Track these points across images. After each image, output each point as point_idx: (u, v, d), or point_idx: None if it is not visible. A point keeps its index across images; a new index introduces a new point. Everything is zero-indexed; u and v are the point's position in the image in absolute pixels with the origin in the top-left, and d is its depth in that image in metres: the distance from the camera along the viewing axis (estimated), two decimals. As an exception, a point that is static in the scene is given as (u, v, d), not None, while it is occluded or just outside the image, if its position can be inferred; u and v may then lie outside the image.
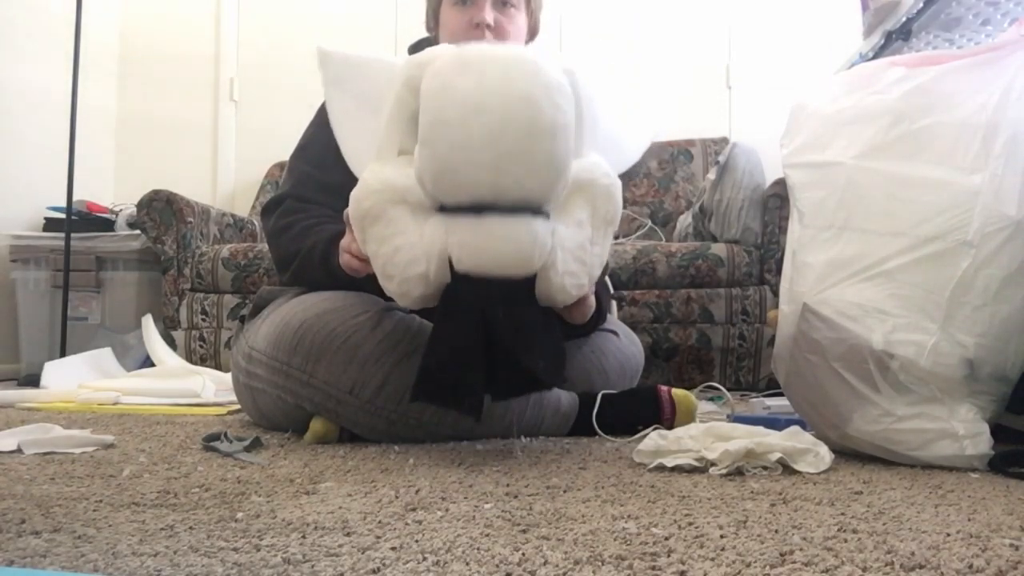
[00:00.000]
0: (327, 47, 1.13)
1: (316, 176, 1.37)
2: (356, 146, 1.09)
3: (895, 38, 1.75)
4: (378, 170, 1.01)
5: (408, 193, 0.97)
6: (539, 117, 0.91)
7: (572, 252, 0.98)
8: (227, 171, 3.51)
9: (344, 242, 1.17)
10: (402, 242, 0.98)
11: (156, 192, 2.67)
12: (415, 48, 1.47)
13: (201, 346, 2.62)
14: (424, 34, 1.54)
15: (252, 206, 3.25)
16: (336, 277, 1.22)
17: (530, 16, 1.47)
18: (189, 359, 2.52)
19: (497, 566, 0.59)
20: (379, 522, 0.72)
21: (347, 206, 1.06)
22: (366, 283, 1.14)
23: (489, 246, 0.93)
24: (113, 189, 3.45)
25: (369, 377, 1.15)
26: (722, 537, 0.67)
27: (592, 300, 1.20)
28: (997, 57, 1.10)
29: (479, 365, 0.98)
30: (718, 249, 2.41)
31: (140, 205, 2.68)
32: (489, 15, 1.38)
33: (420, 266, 0.96)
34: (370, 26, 3.36)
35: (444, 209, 0.96)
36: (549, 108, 0.92)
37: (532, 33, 1.49)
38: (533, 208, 0.95)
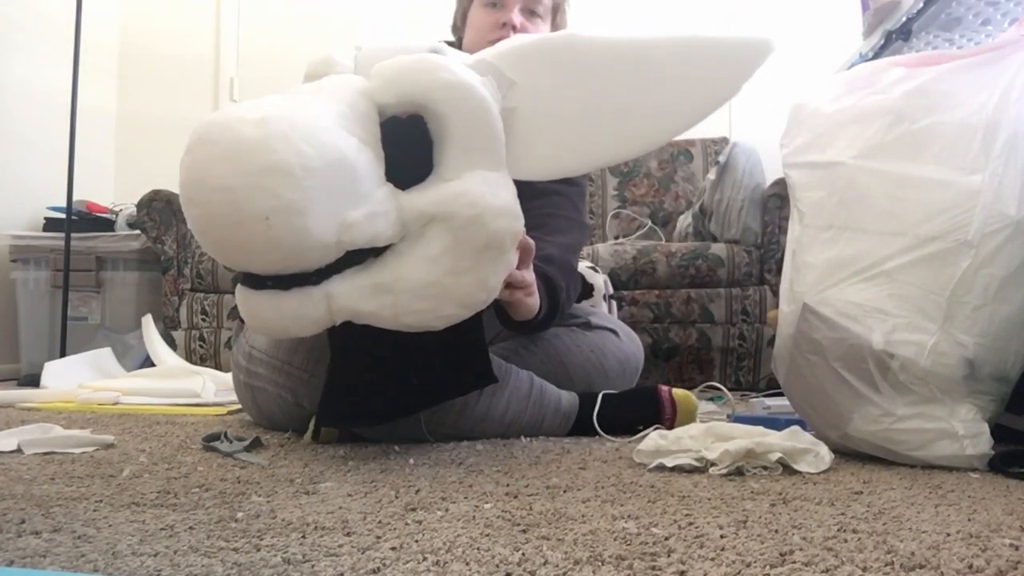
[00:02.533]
0: (367, 45, 1.11)
1: None
2: None
3: (895, 38, 1.75)
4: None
5: None
6: (240, 208, 0.84)
7: (415, 292, 0.93)
8: (227, 171, 3.50)
9: None
10: None
11: (156, 192, 2.67)
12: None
13: (201, 346, 2.62)
14: (449, 36, 1.56)
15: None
16: None
17: (554, 30, 1.49)
18: (189, 359, 2.52)
19: (497, 566, 0.59)
20: (379, 522, 0.72)
21: None
22: None
23: (259, 318, 0.94)
24: (113, 189, 3.45)
25: None
26: (722, 537, 0.67)
27: (534, 300, 1.18)
28: (997, 57, 1.10)
29: (373, 387, 1.07)
30: (718, 249, 2.41)
31: (140, 205, 2.68)
32: (517, 17, 1.42)
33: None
34: (370, 26, 3.36)
35: None
36: (250, 196, 0.84)
37: None
38: (302, 275, 0.91)
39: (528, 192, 1.05)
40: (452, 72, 0.94)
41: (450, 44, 1.50)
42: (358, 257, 0.93)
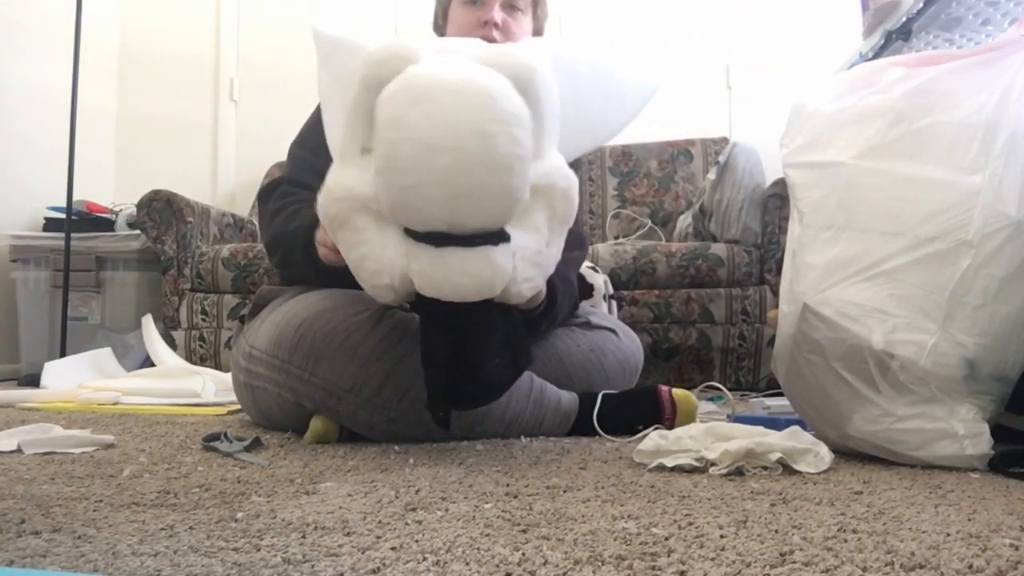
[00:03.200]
0: (321, 26, 1.13)
1: (314, 163, 1.36)
2: (333, 132, 1.08)
3: (895, 38, 1.75)
4: (340, 175, 0.99)
5: (370, 201, 0.96)
6: (494, 153, 0.88)
7: (530, 259, 0.98)
8: (227, 171, 3.51)
9: (319, 235, 1.18)
10: (368, 251, 0.97)
11: (156, 192, 2.67)
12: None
13: (201, 346, 2.62)
14: (431, 35, 1.55)
15: (252, 206, 3.25)
16: (317, 267, 1.22)
17: (536, 22, 1.50)
18: (189, 359, 2.52)
19: (497, 566, 0.59)
20: (379, 522, 0.72)
21: None
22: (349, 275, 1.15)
23: (448, 280, 0.93)
24: (113, 189, 3.45)
25: (370, 375, 1.15)
26: (722, 537, 0.67)
27: (542, 292, 1.19)
28: (997, 57, 1.10)
29: (445, 377, 1.04)
30: (718, 249, 2.41)
31: (140, 205, 2.68)
32: (498, 14, 1.41)
33: (385, 278, 0.96)
34: (370, 26, 3.36)
35: (405, 229, 0.95)
36: (504, 142, 0.88)
37: (537, 35, 1.51)
38: (492, 233, 0.93)
39: None
40: (536, 61, 0.98)
41: None
42: None
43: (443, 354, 1.02)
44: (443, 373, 1.03)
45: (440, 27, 1.53)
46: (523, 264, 0.97)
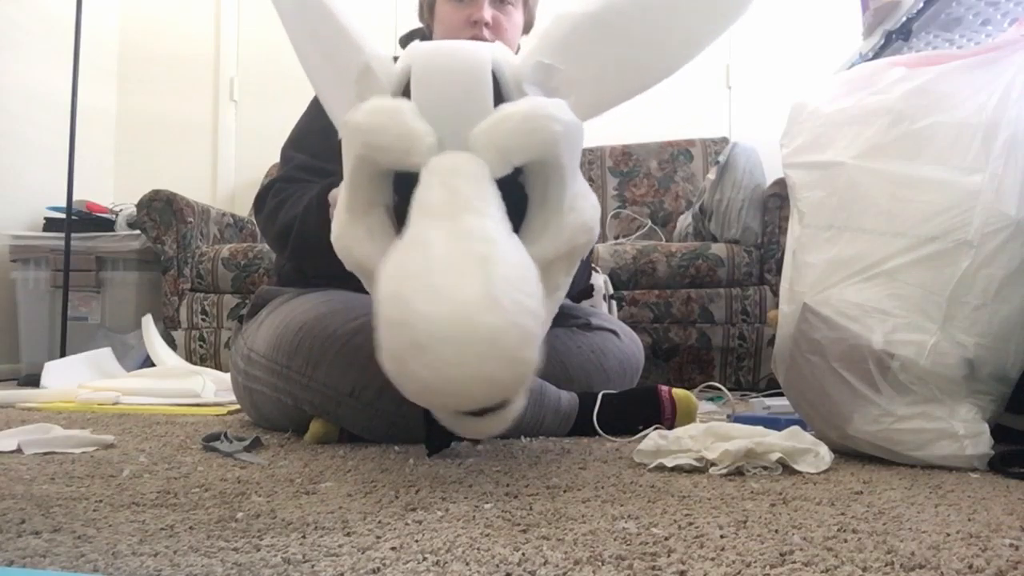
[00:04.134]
0: None
1: (309, 163, 1.35)
2: (324, 90, 1.04)
3: (895, 38, 1.75)
4: (349, 235, 0.93)
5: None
6: (504, 390, 0.81)
7: (545, 326, 0.90)
8: (227, 171, 3.51)
9: (332, 195, 1.14)
10: None
11: (156, 192, 2.67)
12: (406, 39, 1.39)
13: (201, 346, 2.62)
14: (417, 24, 1.51)
15: (252, 208, 3.25)
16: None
17: (527, 12, 1.45)
18: (189, 359, 2.52)
19: (497, 566, 0.59)
20: (379, 522, 0.72)
21: None
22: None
23: (463, 431, 0.92)
24: (113, 189, 3.45)
25: (370, 379, 1.15)
26: (722, 537, 0.67)
27: None
28: (997, 57, 1.10)
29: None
30: (718, 249, 2.41)
31: (140, 205, 2.68)
32: (487, 12, 1.36)
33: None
34: (370, 26, 3.36)
35: None
36: (516, 375, 0.80)
37: (528, 27, 1.46)
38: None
39: None
40: (562, 120, 0.87)
41: (412, 34, 1.44)
42: None
43: None
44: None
45: (426, 20, 1.48)
46: (539, 332, 0.87)
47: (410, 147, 0.85)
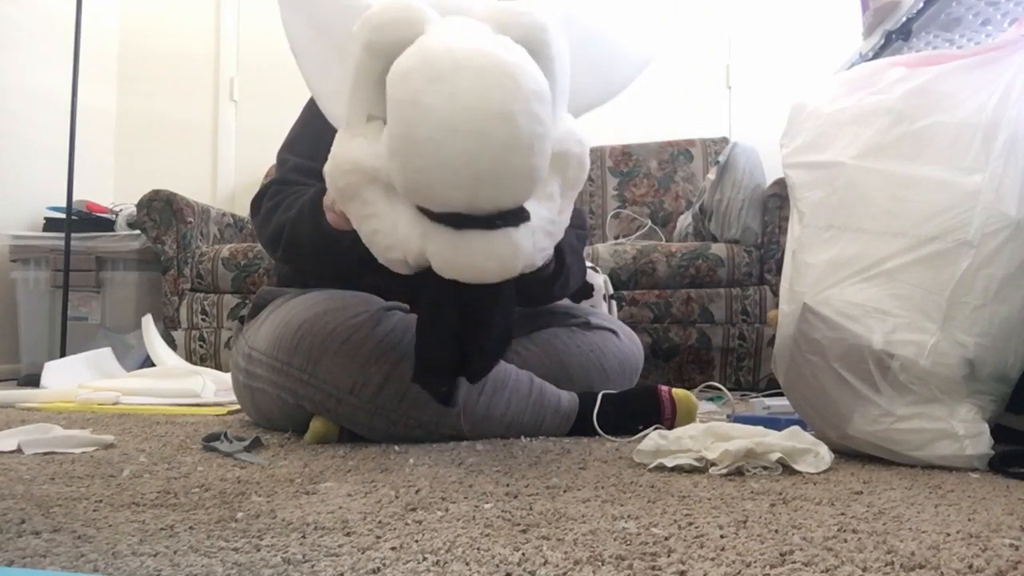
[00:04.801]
0: None
1: (306, 165, 1.33)
2: (323, 88, 1.03)
3: (895, 38, 1.75)
4: (347, 145, 0.94)
5: (380, 174, 0.92)
6: (517, 134, 0.84)
7: (544, 229, 0.94)
8: (227, 171, 3.51)
9: (327, 200, 1.14)
10: (379, 225, 0.93)
11: (156, 192, 2.67)
12: None
13: (201, 346, 2.62)
14: None
15: (252, 207, 3.25)
16: (329, 236, 1.16)
17: None
18: (189, 359, 2.52)
19: (497, 566, 0.59)
20: (379, 522, 0.72)
21: None
22: (365, 268, 1.08)
23: (471, 264, 0.89)
24: (113, 189, 3.45)
25: (370, 377, 1.15)
26: (722, 537, 0.67)
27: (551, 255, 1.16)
28: (997, 57, 1.10)
29: (450, 349, 1.02)
30: (718, 249, 2.41)
31: (140, 205, 2.68)
32: None
33: (398, 253, 0.92)
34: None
35: (420, 208, 0.90)
36: (527, 122, 0.84)
37: None
38: (513, 212, 0.90)
39: None
40: (552, 16, 0.93)
41: None
42: None
43: (449, 325, 1.00)
44: (448, 344, 1.02)
45: None
46: (539, 235, 0.93)
47: (412, 16, 0.89)
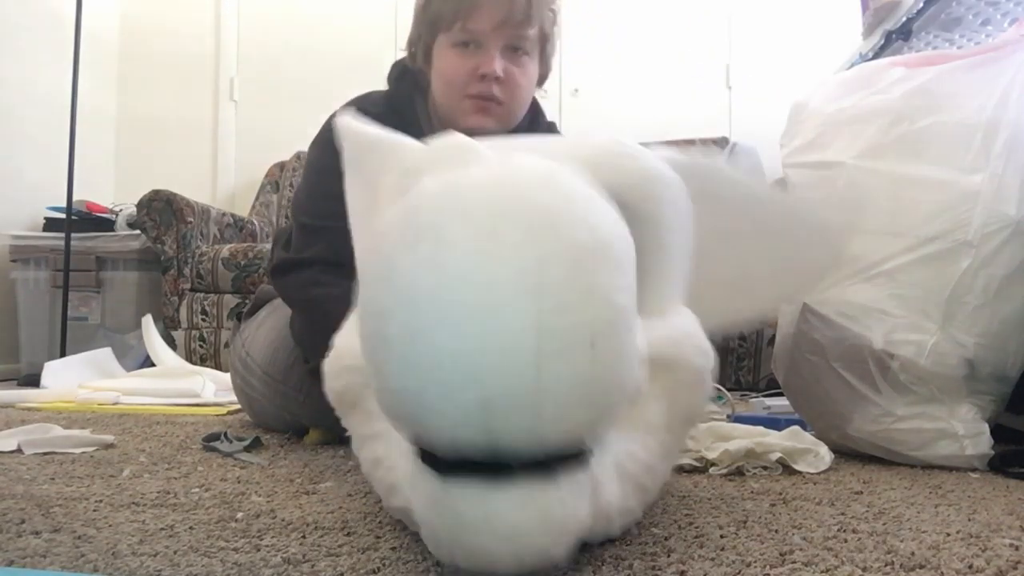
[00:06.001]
0: (345, 121, 0.80)
1: (335, 229, 0.98)
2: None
3: (895, 38, 1.75)
4: (354, 335, 0.60)
5: None
6: (555, 323, 0.48)
7: (635, 479, 0.62)
8: (227, 171, 3.51)
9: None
10: (382, 453, 0.66)
11: (156, 192, 2.67)
12: (398, 75, 1.24)
13: (201, 346, 2.62)
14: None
15: (252, 206, 3.25)
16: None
17: (543, 63, 1.23)
18: (189, 359, 2.52)
19: (497, 566, 0.59)
20: (379, 522, 0.72)
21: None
22: None
23: (460, 539, 0.53)
24: (113, 189, 3.45)
25: None
26: (722, 537, 0.67)
27: None
28: (997, 57, 1.10)
29: None
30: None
31: (140, 205, 2.68)
32: (499, 65, 1.13)
33: (400, 500, 0.63)
34: (370, 26, 3.36)
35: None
36: (582, 302, 0.49)
37: (542, 79, 1.26)
38: (557, 456, 0.53)
39: None
40: (664, 165, 0.66)
41: (405, 70, 1.23)
42: None
43: None
44: None
45: (420, 65, 1.21)
46: (630, 486, 0.61)
47: (458, 155, 0.59)
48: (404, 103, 1.23)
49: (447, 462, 0.52)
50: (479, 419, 0.48)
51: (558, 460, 0.52)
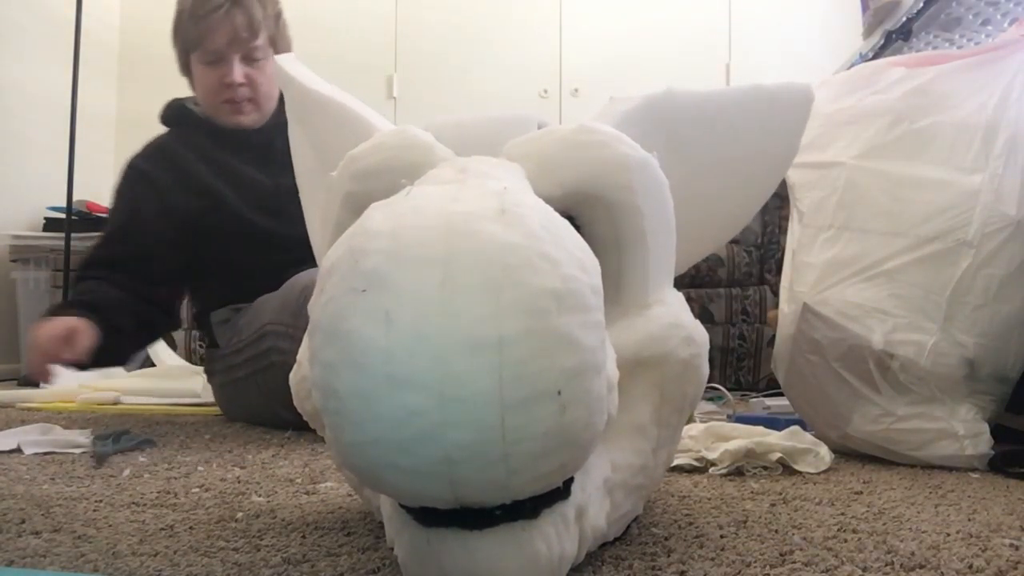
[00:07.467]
0: (287, 63, 0.85)
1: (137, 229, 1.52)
2: (319, 240, 0.79)
3: (895, 38, 1.75)
4: None
5: None
6: (529, 380, 0.44)
7: (626, 486, 0.61)
8: (227, 171, 3.50)
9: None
10: (368, 493, 0.67)
11: (156, 192, 2.67)
12: (169, 112, 1.63)
13: (201, 346, 2.62)
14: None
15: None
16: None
17: (278, 50, 1.48)
18: (189, 359, 2.52)
19: (497, 566, 0.59)
20: (379, 522, 0.72)
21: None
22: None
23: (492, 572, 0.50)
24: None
25: None
26: (722, 537, 0.67)
27: None
28: (997, 57, 1.10)
29: None
30: (718, 249, 2.41)
31: (140, 205, 2.68)
32: (239, 73, 1.44)
33: (388, 532, 0.58)
34: (370, 26, 3.36)
35: None
36: (542, 349, 0.44)
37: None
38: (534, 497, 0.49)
39: None
40: (634, 146, 0.61)
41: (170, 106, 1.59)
42: None
43: None
44: None
45: (187, 76, 1.57)
46: (619, 494, 0.60)
47: (410, 159, 0.59)
48: (177, 145, 1.58)
49: (424, 508, 0.49)
50: (443, 475, 0.44)
51: (538, 497, 0.49)
